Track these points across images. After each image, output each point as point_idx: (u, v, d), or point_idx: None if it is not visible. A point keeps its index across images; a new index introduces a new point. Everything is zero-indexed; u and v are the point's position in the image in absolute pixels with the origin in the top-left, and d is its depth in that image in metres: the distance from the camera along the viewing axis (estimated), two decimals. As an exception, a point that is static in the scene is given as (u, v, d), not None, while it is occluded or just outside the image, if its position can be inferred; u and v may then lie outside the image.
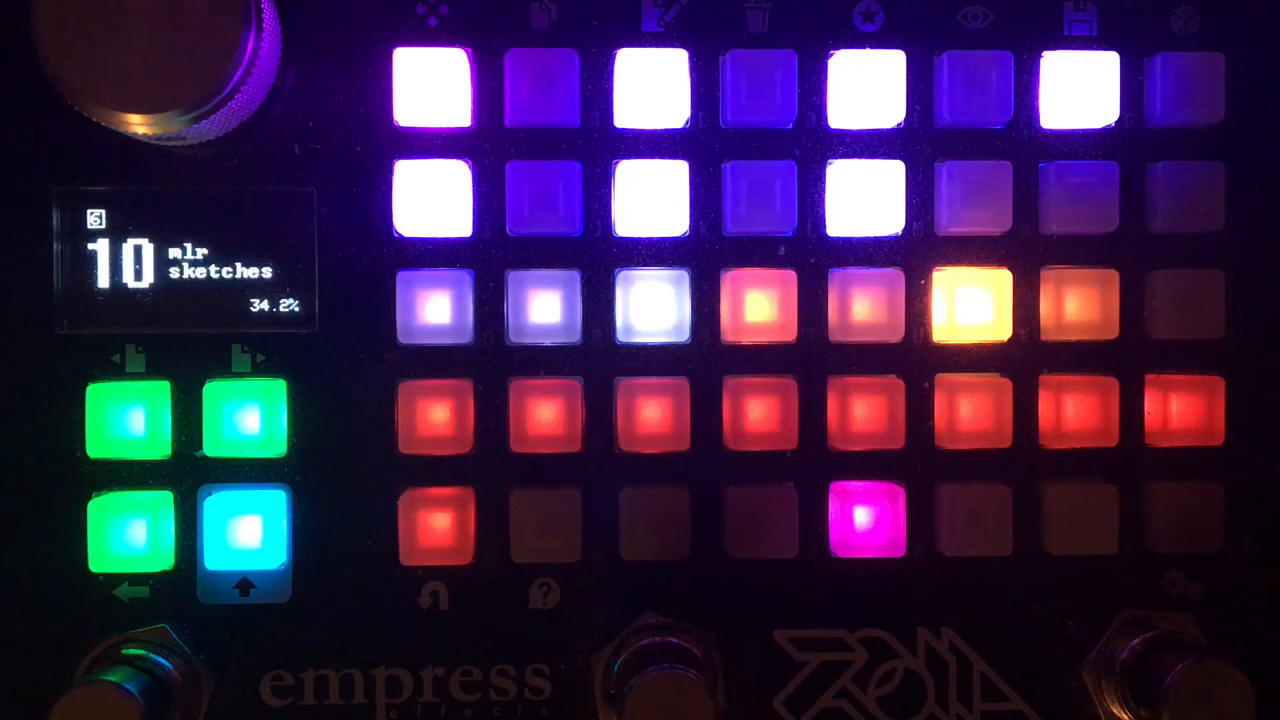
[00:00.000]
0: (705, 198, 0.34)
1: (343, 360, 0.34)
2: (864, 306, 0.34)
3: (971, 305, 0.34)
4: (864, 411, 0.34)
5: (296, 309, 0.34)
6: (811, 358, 0.34)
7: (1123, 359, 0.34)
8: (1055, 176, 0.34)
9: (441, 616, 0.34)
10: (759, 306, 0.34)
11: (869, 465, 0.34)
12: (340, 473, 0.34)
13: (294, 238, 0.34)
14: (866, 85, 0.34)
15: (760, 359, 0.34)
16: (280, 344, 0.34)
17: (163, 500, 0.34)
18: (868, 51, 0.34)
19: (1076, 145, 0.34)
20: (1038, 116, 0.34)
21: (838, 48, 0.34)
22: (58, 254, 0.34)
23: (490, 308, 0.34)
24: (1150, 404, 0.34)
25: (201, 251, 0.34)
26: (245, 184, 0.34)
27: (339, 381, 0.34)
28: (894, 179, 0.34)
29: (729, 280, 0.34)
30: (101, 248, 0.34)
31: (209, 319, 0.34)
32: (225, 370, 0.34)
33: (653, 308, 0.34)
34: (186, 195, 0.34)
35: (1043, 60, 0.34)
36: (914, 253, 0.34)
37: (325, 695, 0.34)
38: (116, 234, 0.34)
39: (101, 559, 0.34)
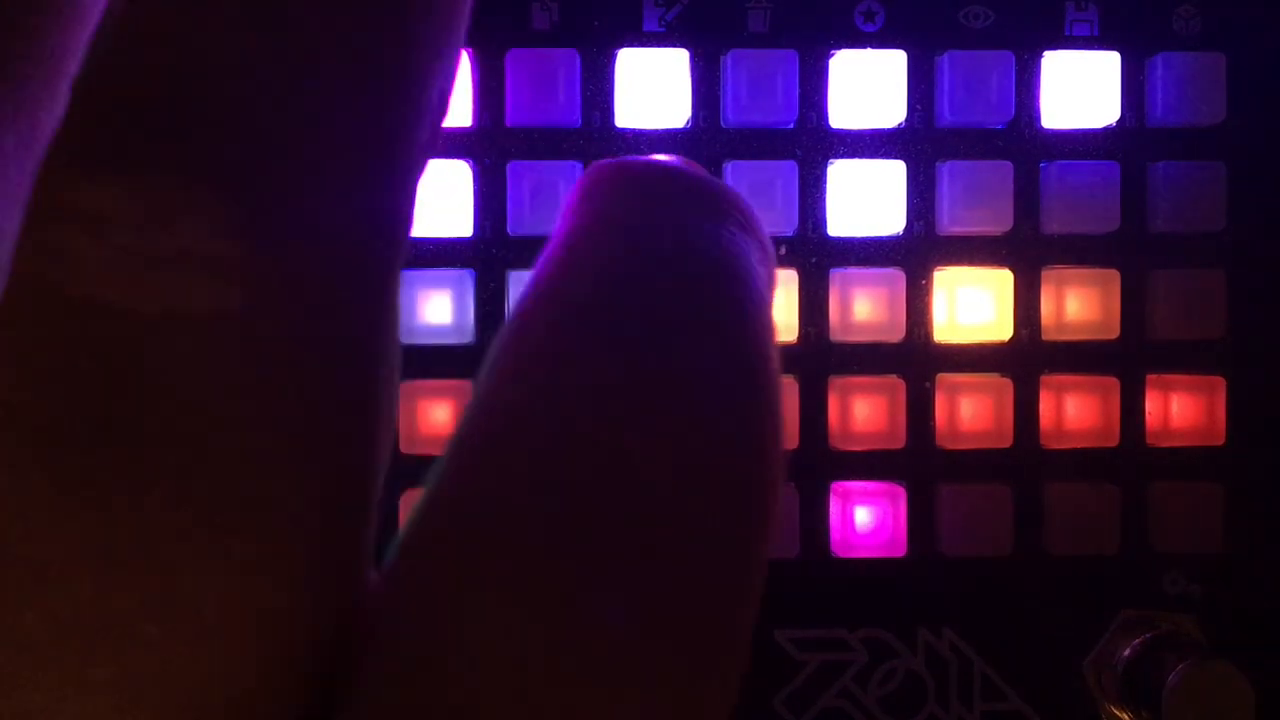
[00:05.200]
0: (706, 198, 0.34)
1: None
2: (865, 306, 0.34)
3: (972, 305, 0.34)
4: (864, 411, 0.34)
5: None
6: (812, 357, 0.34)
7: (1123, 359, 0.34)
8: (1056, 176, 0.34)
9: (442, 616, 0.34)
10: (760, 306, 0.34)
11: (869, 465, 0.34)
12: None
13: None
14: (867, 85, 0.34)
15: (761, 359, 0.34)
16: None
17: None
18: (869, 51, 0.34)
19: (1077, 145, 0.34)
20: (1039, 116, 0.34)
21: (839, 47, 0.34)
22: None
23: (491, 308, 0.34)
24: (1151, 404, 0.34)
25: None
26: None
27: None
28: (895, 179, 0.34)
29: (730, 280, 0.34)
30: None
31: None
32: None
33: (653, 308, 0.34)
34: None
35: (1044, 60, 0.34)
36: (915, 252, 0.34)
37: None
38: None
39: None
